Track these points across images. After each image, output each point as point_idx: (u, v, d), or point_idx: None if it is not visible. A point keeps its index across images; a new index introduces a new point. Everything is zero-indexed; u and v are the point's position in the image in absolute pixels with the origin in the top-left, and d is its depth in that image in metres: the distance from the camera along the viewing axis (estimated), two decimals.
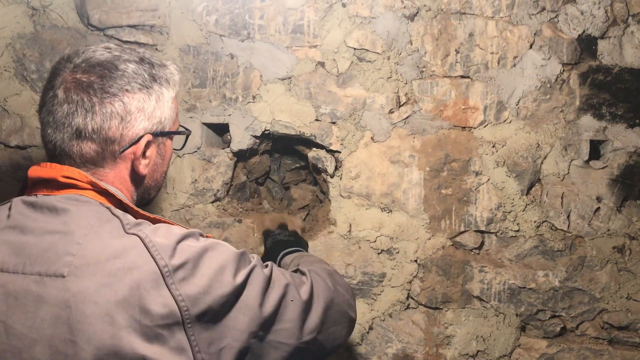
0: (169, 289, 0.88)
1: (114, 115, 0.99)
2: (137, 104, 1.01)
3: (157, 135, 1.07)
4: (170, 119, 1.09)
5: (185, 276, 0.90)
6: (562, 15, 1.78)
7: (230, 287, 0.93)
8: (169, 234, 0.95)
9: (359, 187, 1.88)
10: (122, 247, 0.90)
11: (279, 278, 1.05)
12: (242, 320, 0.95)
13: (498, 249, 1.86)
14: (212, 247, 0.96)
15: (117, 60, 1.02)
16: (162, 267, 0.89)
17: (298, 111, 1.87)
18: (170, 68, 1.11)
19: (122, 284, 0.87)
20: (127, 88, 1.00)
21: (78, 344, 0.84)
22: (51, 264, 0.89)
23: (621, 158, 1.79)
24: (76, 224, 0.93)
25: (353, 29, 1.82)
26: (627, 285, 1.81)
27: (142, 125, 1.02)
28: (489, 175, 1.83)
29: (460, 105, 1.82)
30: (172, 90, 1.10)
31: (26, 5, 1.92)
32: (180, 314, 0.88)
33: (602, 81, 1.79)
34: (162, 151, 1.12)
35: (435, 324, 1.89)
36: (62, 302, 0.86)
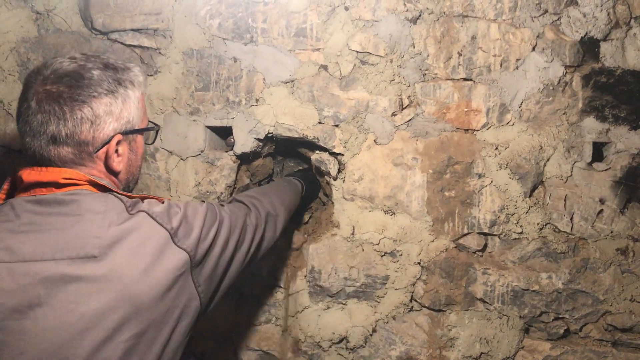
0: (177, 245, 1.09)
1: (84, 120, 1.09)
2: (105, 108, 1.11)
3: (127, 134, 1.17)
4: (138, 117, 1.20)
5: (185, 231, 1.12)
6: (565, 18, 1.79)
7: (213, 232, 1.19)
8: (160, 205, 1.15)
9: (362, 190, 1.88)
10: (135, 222, 1.07)
11: (238, 213, 1.33)
12: (223, 253, 1.22)
13: (501, 251, 1.86)
14: (190, 205, 1.19)
15: (83, 70, 1.11)
16: (170, 230, 1.10)
17: (301, 114, 1.87)
18: (134, 70, 1.21)
19: (145, 252, 1.05)
20: (94, 94, 1.10)
21: (122, 308, 1.01)
22: (80, 248, 1.02)
23: (624, 160, 1.80)
24: (88, 211, 1.05)
25: (356, 32, 1.83)
26: (631, 287, 1.81)
27: (111, 126, 1.13)
28: (492, 178, 1.83)
29: (463, 108, 1.83)
30: (138, 90, 1.20)
31: (30, 9, 1.93)
32: (190, 261, 1.10)
33: (605, 83, 1.79)
34: (134, 147, 1.22)
35: (439, 326, 1.89)
36: (101, 278, 1.00)
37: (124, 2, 1.89)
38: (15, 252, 1.01)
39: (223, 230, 1.23)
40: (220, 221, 1.23)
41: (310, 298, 1.94)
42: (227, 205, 1.35)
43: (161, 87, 1.91)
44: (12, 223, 1.05)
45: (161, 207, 1.13)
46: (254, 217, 1.40)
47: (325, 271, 1.91)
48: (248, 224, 1.35)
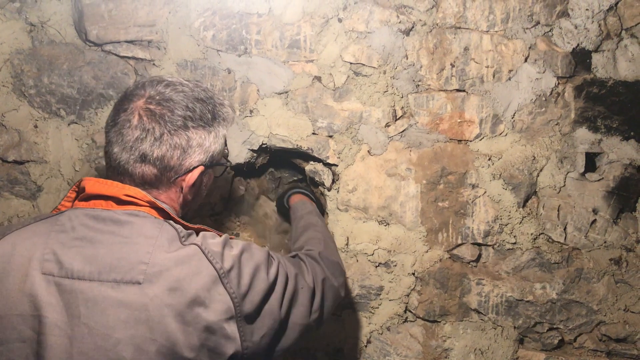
0: (225, 288, 1.04)
1: (178, 146, 1.11)
2: (198, 140, 1.14)
3: (208, 167, 1.19)
4: (220, 152, 1.23)
5: (235, 276, 1.06)
6: (557, 29, 1.80)
7: (266, 284, 1.11)
8: (215, 241, 1.10)
9: (356, 200, 1.88)
10: (185, 255, 1.04)
11: (291, 269, 1.22)
12: (275, 310, 1.12)
13: (495, 262, 1.86)
14: (247, 250, 1.13)
15: (188, 98, 1.14)
16: (219, 270, 1.05)
17: (295, 125, 1.88)
18: (227, 108, 1.24)
19: (190, 287, 1.01)
20: (193, 125, 1.13)
21: (158, 341, 0.98)
22: (126, 272, 1.01)
23: (617, 170, 1.80)
24: (141, 235, 1.04)
25: (349, 44, 1.84)
26: (625, 297, 1.82)
27: (198, 158, 1.15)
28: (486, 188, 1.84)
29: (456, 119, 1.83)
30: (226, 128, 1.23)
31: (24, 21, 1.93)
32: (234, 308, 1.04)
33: (597, 94, 1.80)
34: (205, 180, 1.24)
35: (434, 337, 1.89)
36: (141, 305, 0.99)
37: (118, 14, 1.89)
38: (65, 266, 1.01)
39: (279, 282, 1.15)
40: (277, 272, 1.16)
41: None
42: (285, 258, 1.26)
43: None
44: (66, 235, 1.05)
45: (216, 244, 1.09)
46: (310, 278, 1.28)
47: None
48: (302, 285, 1.24)
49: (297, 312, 1.19)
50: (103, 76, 1.92)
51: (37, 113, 1.94)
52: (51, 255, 1.02)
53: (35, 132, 1.94)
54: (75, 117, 1.93)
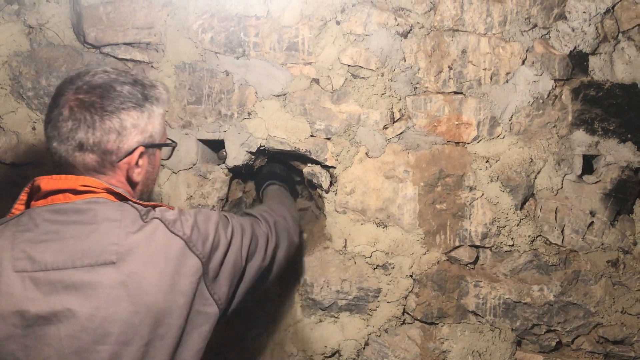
0: (192, 251, 1.14)
1: (112, 130, 1.14)
2: (132, 121, 1.17)
3: (149, 147, 1.23)
4: (159, 132, 1.26)
5: (197, 238, 1.16)
6: (554, 32, 1.81)
7: (225, 239, 1.23)
8: (170, 211, 1.20)
9: (354, 203, 1.88)
10: (150, 230, 1.12)
11: (245, 222, 1.37)
12: (237, 260, 1.26)
13: (493, 264, 1.86)
14: (200, 213, 1.24)
15: (115, 82, 1.18)
16: (183, 236, 1.14)
17: (293, 127, 1.88)
18: (159, 88, 1.27)
19: (161, 259, 1.10)
20: (123, 107, 1.16)
21: (141, 313, 1.05)
22: (99, 255, 1.06)
23: (614, 172, 1.81)
24: (105, 219, 1.10)
25: (347, 46, 1.84)
26: (622, 299, 1.82)
27: (135, 138, 1.18)
28: (483, 190, 1.84)
29: (454, 121, 1.84)
30: (162, 107, 1.26)
31: (23, 23, 1.93)
32: (203, 267, 1.15)
33: (594, 97, 1.81)
34: (152, 161, 1.27)
35: (431, 339, 1.89)
36: (119, 283, 1.05)
37: (116, 16, 1.90)
38: (37, 261, 1.06)
39: (235, 237, 1.27)
40: (232, 229, 1.28)
41: (302, 311, 1.93)
42: (237, 216, 1.39)
43: None
44: (32, 233, 1.09)
45: (173, 215, 1.18)
46: (264, 226, 1.45)
47: (318, 284, 1.91)
48: (259, 233, 1.39)
49: (257, 257, 1.35)
50: None
51: (35, 115, 1.94)
52: (21, 253, 1.07)
53: (33, 134, 1.94)
54: None
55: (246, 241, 1.31)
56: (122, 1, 1.89)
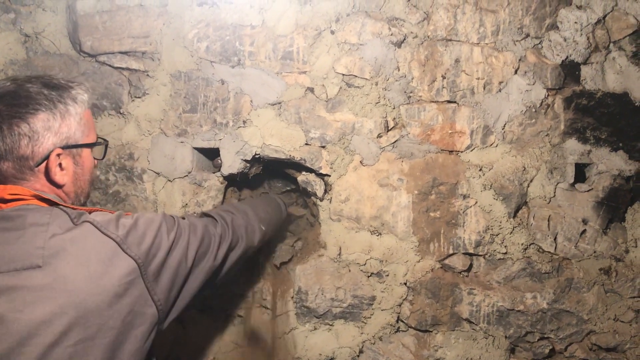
0: (126, 252, 1.12)
1: (22, 135, 1.14)
2: (42, 124, 1.16)
3: (67, 148, 1.21)
4: (80, 132, 1.24)
5: (134, 240, 1.15)
6: (546, 42, 1.82)
7: (168, 242, 1.22)
8: (107, 215, 1.18)
9: (349, 211, 1.89)
10: (80, 233, 1.11)
11: (198, 223, 1.36)
12: (182, 262, 1.24)
13: (486, 272, 1.87)
14: (142, 216, 1.22)
15: (21, 89, 1.17)
16: (115, 238, 1.13)
17: (288, 135, 1.89)
18: (76, 89, 1.26)
19: (90, 260, 1.08)
20: (31, 111, 1.15)
21: (69, 314, 1.04)
22: (25, 259, 1.05)
23: (606, 181, 1.82)
24: (33, 224, 1.09)
25: (342, 56, 1.85)
26: (614, 307, 1.83)
27: (50, 141, 1.17)
28: (477, 199, 1.85)
29: (447, 130, 1.85)
30: (80, 107, 1.24)
31: (19, 32, 1.94)
32: (139, 268, 1.13)
33: (586, 106, 1.83)
34: (79, 161, 1.26)
35: (425, 346, 1.90)
36: (46, 286, 1.04)
37: (112, 25, 1.91)
38: None
39: (181, 239, 1.26)
40: (178, 231, 1.27)
41: (297, 319, 1.94)
42: (189, 217, 1.39)
43: (149, 109, 1.92)
44: None
45: (108, 217, 1.17)
46: (219, 227, 1.44)
47: (312, 292, 1.91)
48: (213, 234, 1.39)
49: (206, 259, 1.33)
50: (97, 87, 1.93)
51: None
52: None
53: None
54: None
55: (194, 243, 1.30)
56: (118, 10, 1.90)
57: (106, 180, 1.95)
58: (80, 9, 1.90)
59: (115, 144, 1.94)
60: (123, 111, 1.93)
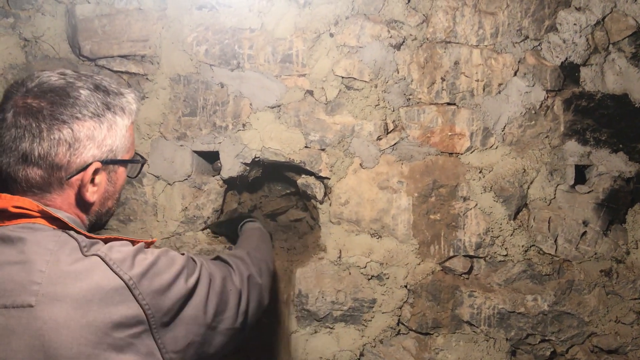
0: (137, 299, 0.95)
1: (62, 142, 0.99)
2: (87, 132, 1.02)
3: (107, 163, 1.07)
4: (123, 147, 1.10)
5: (148, 284, 0.97)
6: (545, 44, 1.83)
7: (185, 290, 1.04)
8: (123, 249, 1.00)
9: (349, 213, 1.89)
10: (85, 269, 0.94)
11: (217, 273, 1.17)
12: (199, 316, 1.07)
13: (487, 274, 1.87)
14: (164, 255, 1.05)
15: (70, 87, 1.02)
16: (127, 281, 0.95)
17: (287, 138, 1.89)
18: (127, 97, 1.11)
19: (91, 304, 0.91)
20: (78, 116, 1.01)
21: None
22: (17, 295, 0.90)
23: (606, 182, 1.82)
24: (35, 252, 0.94)
25: (341, 58, 1.86)
26: (616, 309, 1.83)
27: (90, 152, 1.03)
28: (477, 201, 1.85)
29: (447, 132, 1.85)
30: (127, 119, 1.11)
31: (18, 36, 1.95)
32: (148, 320, 0.96)
33: (586, 107, 1.82)
34: (113, 179, 1.12)
35: (426, 349, 1.89)
36: (35, 331, 0.88)
37: (111, 29, 1.91)
38: None
39: (200, 289, 1.09)
40: (198, 278, 1.09)
41: (297, 322, 1.93)
42: (209, 262, 1.21)
43: (148, 113, 1.92)
44: None
45: (124, 252, 1.00)
46: (237, 280, 1.25)
47: (313, 295, 1.91)
48: (230, 288, 1.20)
49: (226, 316, 1.15)
50: None
51: None
52: None
53: None
54: None
55: (213, 297, 1.12)
56: (118, 14, 1.90)
57: None
58: (79, 13, 1.91)
59: None
60: None
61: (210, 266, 1.18)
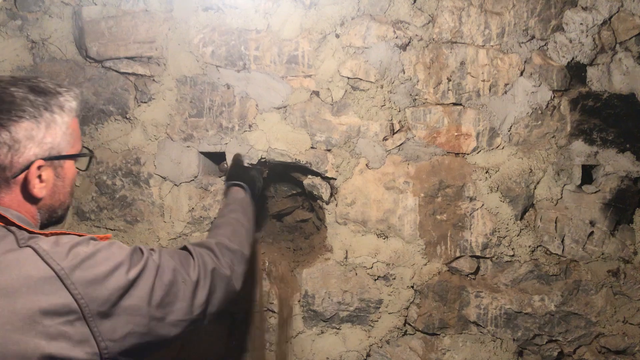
0: (68, 288, 0.98)
1: (2, 144, 1.04)
2: (25, 133, 1.06)
3: (50, 160, 1.11)
4: (66, 143, 1.14)
5: (81, 275, 1.00)
6: (552, 43, 1.82)
7: (125, 281, 1.05)
8: (62, 241, 1.04)
9: (355, 214, 1.89)
10: (16, 259, 0.98)
11: (168, 264, 1.17)
12: (141, 307, 1.07)
13: (494, 274, 1.87)
14: (105, 248, 1.07)
15: (4, 93, 1.07)
16: (59, 271, 0.98)
17: (294, 139, 1.89)
18: (65, 95, 1.15)
19: (19, 293, 0.95)
20: (14, 118, 1.05)
21: None
22: None
23: (613, 182, 1.82)
24: None
25: (347, 59, 1.86)
26: (623, 309, 1.82)
27: (32, 151, 1.07)
28: (483, 201, 1.85)
29: (453, 132, 1.85)
30: (68, 116, 1.14)
31: (26, 38, 1.96)
32: (81, 309, 0.98)
33: (592, 107, 1.82)
34: (60, 174, 1.15)
35: (433, 350, 1.89)
36: None
37: (118, 30, 1.92)
38: None
39: (144, 280, 1.10)
40: (142, 270, 1.10)
41: (304, 323, 1.93)
42: (164, 253, 1.21)
43: (155, 114, 1.93)
44: None
45: (61, 245, 1.03)
46: (195, 271, 1.23)
47: (319, 296, 1.91)
48: (184, 279, 1.19)
49: (176, 308, 1.15)
50: (103, 92, 1.94)
51: None
52: None
53: None
54: None
55: (159, 289, 1.12)
56: (124, 16, 1.91)
57: (113, 185, 1.96)
58: (86, 14, 1.92)
59: (121, 149, 1.95)
60: (129, 116, 1.94)
61: (163, 258, 1.18)
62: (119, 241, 1.09)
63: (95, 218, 1.97)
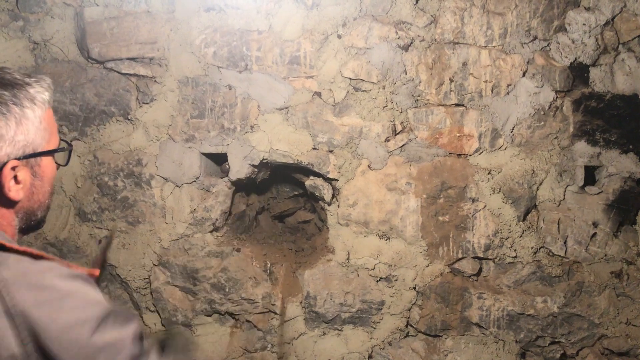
0: (17, 329, 0.85)
1: None
2: None
3: (25, 159, 1.01)
4: (40, 139, 1.03)
5: (38, 319, 0.87)
6: (554, 44, 1.82)
7: (85, 342, 0.88)
8: (29, 270, 0.92)
9: (357, 215, 1.89)
10: None
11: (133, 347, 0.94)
12: None
13: (496, 276, 1.86)
14: (77, 295, 0.93)
15: None
16: (10, 307, 0.86)
17: (295, 140, 1.89)
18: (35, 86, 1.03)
19: None
20: None
21: None
22: None
23: (616, 183, 1.81)
24: None
25: (348, 60, 1.85)
26: (626, 311, 1.81)
27: (3, 152, 0.97)
28: (486, 202, 1.84)
29: (456, 133, 1.85)
30: (40, 109, 1.03)
31: (27, 39, 1.96)
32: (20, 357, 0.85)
33: (595, 108, 1.81)
34: (38, 172, 1.05)
35: (435, 351, 1.89)
36: None
37: (120, 31, 1.92)
38: None
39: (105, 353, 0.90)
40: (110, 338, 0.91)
41: (305, 324, 1.93)
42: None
43: (157, 115, 1.93)
44: None
45: (27, 273, 0.91)
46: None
47: (321, 297, 1.91)
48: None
49: None
50: (105, 93, 1.94)
51: None
52: None
53: None
54: (78, 134, 1.95)
55: None
56: (126, 17, 1.91)
57: (114, 186, 1.96)
58: (88, 16, 1.92)
59: (123, 150, 1.95)
60: (131, 117, 1.93)
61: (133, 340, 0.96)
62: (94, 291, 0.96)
63: (97, 219, 1.97)
